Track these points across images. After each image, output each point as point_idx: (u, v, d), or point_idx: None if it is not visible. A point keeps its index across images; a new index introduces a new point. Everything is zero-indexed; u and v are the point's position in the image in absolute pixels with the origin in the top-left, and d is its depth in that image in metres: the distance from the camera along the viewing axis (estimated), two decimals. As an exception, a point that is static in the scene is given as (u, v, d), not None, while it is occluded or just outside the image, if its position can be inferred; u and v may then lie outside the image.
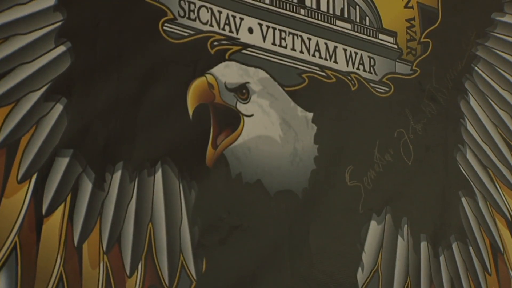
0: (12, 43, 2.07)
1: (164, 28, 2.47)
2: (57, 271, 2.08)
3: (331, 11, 2.98)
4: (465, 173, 3.30)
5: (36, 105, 2.11)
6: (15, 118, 2.06)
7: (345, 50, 3.00)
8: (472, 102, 3.33)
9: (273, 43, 2.79)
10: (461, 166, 3.29)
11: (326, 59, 2.92)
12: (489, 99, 3.37)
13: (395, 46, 3.15)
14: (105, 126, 2.28)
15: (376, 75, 3.06)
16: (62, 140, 2.15)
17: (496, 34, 3.44)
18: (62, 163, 2.15)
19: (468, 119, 3.31)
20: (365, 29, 3.08)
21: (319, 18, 2.93)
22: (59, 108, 2.16)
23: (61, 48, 2.19)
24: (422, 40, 3.23)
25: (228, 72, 2.62)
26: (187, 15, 2.55)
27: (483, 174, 3.34)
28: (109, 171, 2.27)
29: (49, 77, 2.15)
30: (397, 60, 3.15)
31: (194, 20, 2.57)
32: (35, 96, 2.11)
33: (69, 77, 2.20)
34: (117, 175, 2.29)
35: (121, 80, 2.33)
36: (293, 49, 2.85)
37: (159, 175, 2.40)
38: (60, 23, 2.20)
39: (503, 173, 3.37)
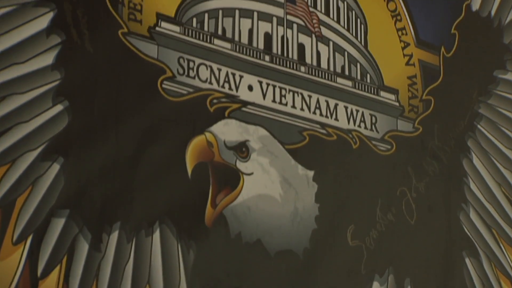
0: (9, 103, 2.08)
1: (163, 86, 2.48)
2: (54, 333, 2.06)
3: (331, 68, 3.00)
4: (468, 233, 3.28)
5: (33, 165, 2.11)
6: (11, 178, 2.05)
7: (346, 107, 3.01)
8: (475, 161, 3.34)
9: (273, 101, 2.80)
10: (464, 225, 3.28)
11: (327, 116, 2.93)
12: (492, 158, 3.37)
13: (397, 104, 3.17)
14: (102, 186, 2.27)
15: (378, 132, 3.07)
16: (58, 200, 2.14)
17: (498, 92, 3.45)
18: (58, 224, 2.14)
19: (471, 178, 3.31)
20: (366, 86, 3.10)
21: (320, 76, 2.95)
22: (55, 167, 2.16)
23: (59, 107, 2.20)
24: (424, 97, 3.24)
25: (227, 130, 2.63)
26: (186, 73, 2.57)
27: (487, 234, 3.33)
28: (106, 232, 2.26)
29: (46, 136, 2.16)
30: (399, 117, 3.16)
31: (194, 78, 2.59)
32: (32, 155, 2.11)
33: (66, 136, 2.20)
34: (114, 236, 2.28)
35: (119, 139, 2.34)
36: (293, 106, 2.86)
37: (157, 235, 2.39)
38: (57, 82, 2.21)
39: (507, 233, 3.35)
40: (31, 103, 2.13)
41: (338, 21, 3.07)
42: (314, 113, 2.90)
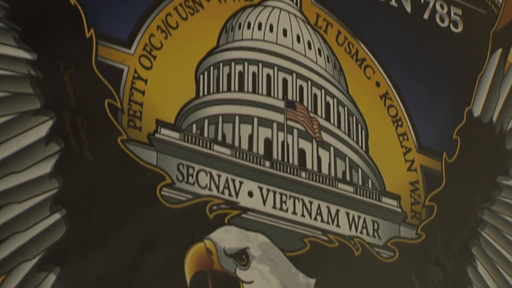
0: (6, 212, 2.10)
1: (162, 193, 2.51)
2: None
3: (332, 174, 3.04)
4: None
5: (29, 276, 2.11)
6: (7, 290, 2.05)
7: (347, 213, 3.02)
8: (480, 269, 3.31)
9: (274, 207, 2.82)
10: (471, 334, 3.24)
11: (328, 223, 2.94)
12: (498, 266, 3.36)
13: (399, 210, 3.18)
14: (99, 296, 2.27)
15: (380, 239, 3.07)
16: (54, 312, 2.14)
17: (502, 198, 3.46)
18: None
19: (476, 286, 3.29)
20: (368, 192, 3.12)
21: (321, 181, 2.98)
22: (51, 278, 2.16)
23: (56, 216, 2.22)
24: (426, 203, 3.26)
25: (227, 237, 2.64)
26: (185, 179, 2.60)
27: None
28: None
29: (43, 246, 2.17)
30: (402, 224, 3.16)
31: (193, 184, 2.62)
32: (28, 266, 2.12)
33: (63, 245, 2.21)
34: None
35: (116, 248, 2.35)
36: (294, 212, 2.87)
37: None
38: (55, 190, 2.24)
39: None
40: (28, 213, 2.16)
41: (339, 127, 3.12)
42: (315, 219, 2.91)
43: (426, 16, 3.44)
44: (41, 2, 2.40)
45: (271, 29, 3.06)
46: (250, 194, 2.76)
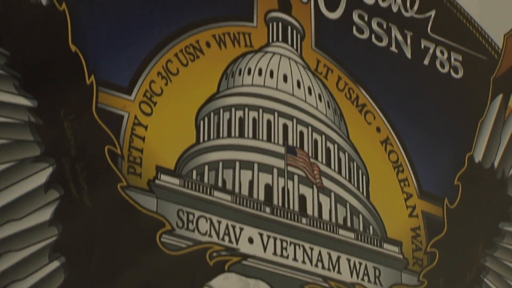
0: (5, 260, 2.10)
1: (162, 240, 2.51)
2: None
3: (333, 220, 3.04)
4: None
5: (26, 326, 2.11)
6: None
7: (348, 260, 3.02)
8: (483, 315, 3.31)
9: (274, 253, 2.82)
10: None
11: (329, 269, 2.94)
12: (500, 312, 3.35)
13: (401, 256, 3.17)
14: None
15: (382, 286, 3.07)
16: None
17: (504, 245, 3.45)
18: None
19: (480, 334, 3.28)
20: (369, 238, 3.12)
21: (322, 227, 2.98)
22: (51, 326, 2.16)
23: (55, 264, 2.22)
24: (428, 250, 3.25)
25: (227, 284, 2.64)
26: (185, 226, 2.61)
27: None
28: None
29: (42, 294, 2.17)
30: (403, 270, 3.16)
31: (193, 231, 2.62)
32: (27, 314, 2.12)
33: (63, 293, 2.21)
34: None
35: (116, 296, 2.35)
36: (294, 259, 2.87)
37: None
38: (54, 237, 2.24)
39: None
40: (27, 260, 2.15)
41: (340, 172, 3.13)
42: (316, 266, 2.91)
43: (426, 62, 3.47)
44: (41, 49, 2.42)
45: (271, 75, 3.09)
46: (251, 240, 2.76)
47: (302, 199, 2.99)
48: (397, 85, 3.45)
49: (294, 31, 3.17)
